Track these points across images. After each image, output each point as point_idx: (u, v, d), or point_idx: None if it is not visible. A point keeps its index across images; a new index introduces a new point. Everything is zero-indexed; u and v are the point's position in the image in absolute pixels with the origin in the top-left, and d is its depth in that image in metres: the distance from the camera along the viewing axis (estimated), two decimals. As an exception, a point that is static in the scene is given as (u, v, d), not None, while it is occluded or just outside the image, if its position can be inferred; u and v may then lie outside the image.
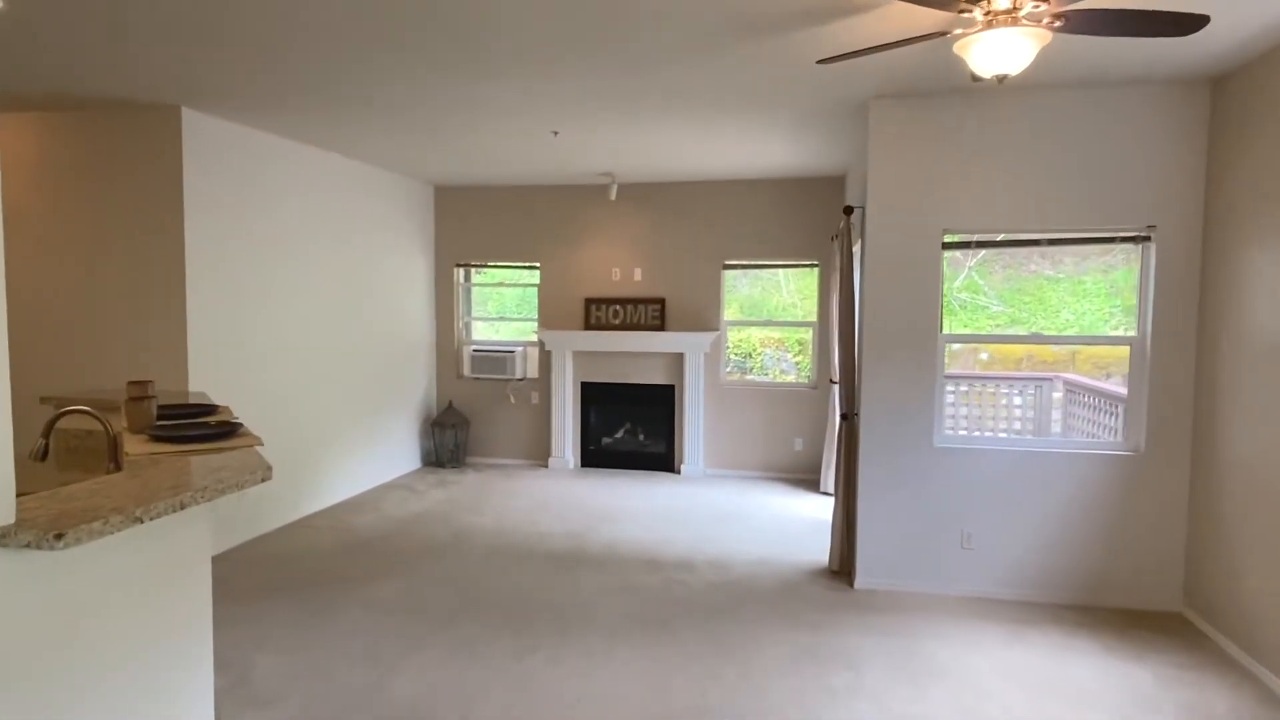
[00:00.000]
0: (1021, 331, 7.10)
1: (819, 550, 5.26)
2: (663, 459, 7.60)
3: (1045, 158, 4.27)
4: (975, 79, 3.12)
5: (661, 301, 7.43)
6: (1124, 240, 4.31)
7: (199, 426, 2.56)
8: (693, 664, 3.63)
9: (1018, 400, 7.63)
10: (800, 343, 7.88)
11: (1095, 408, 6.49)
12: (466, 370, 8.01)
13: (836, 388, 6.57)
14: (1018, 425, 7.48)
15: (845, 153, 6.03)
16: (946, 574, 4.52)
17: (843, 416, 4.81)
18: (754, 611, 4.25)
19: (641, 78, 4.11)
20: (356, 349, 6.64)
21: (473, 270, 8.14)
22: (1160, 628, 4.07)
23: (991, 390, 7.70)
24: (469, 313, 8.20)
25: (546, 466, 7.73)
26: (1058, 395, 7.25)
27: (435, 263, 7.92)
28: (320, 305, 6.14)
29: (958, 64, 3.79)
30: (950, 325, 6.46)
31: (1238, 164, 3.86)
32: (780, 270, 7.61)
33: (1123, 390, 6.36)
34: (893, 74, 3.99)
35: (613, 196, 6.91)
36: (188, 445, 2.36)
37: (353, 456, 6.61)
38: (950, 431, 5.44)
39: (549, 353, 7.68)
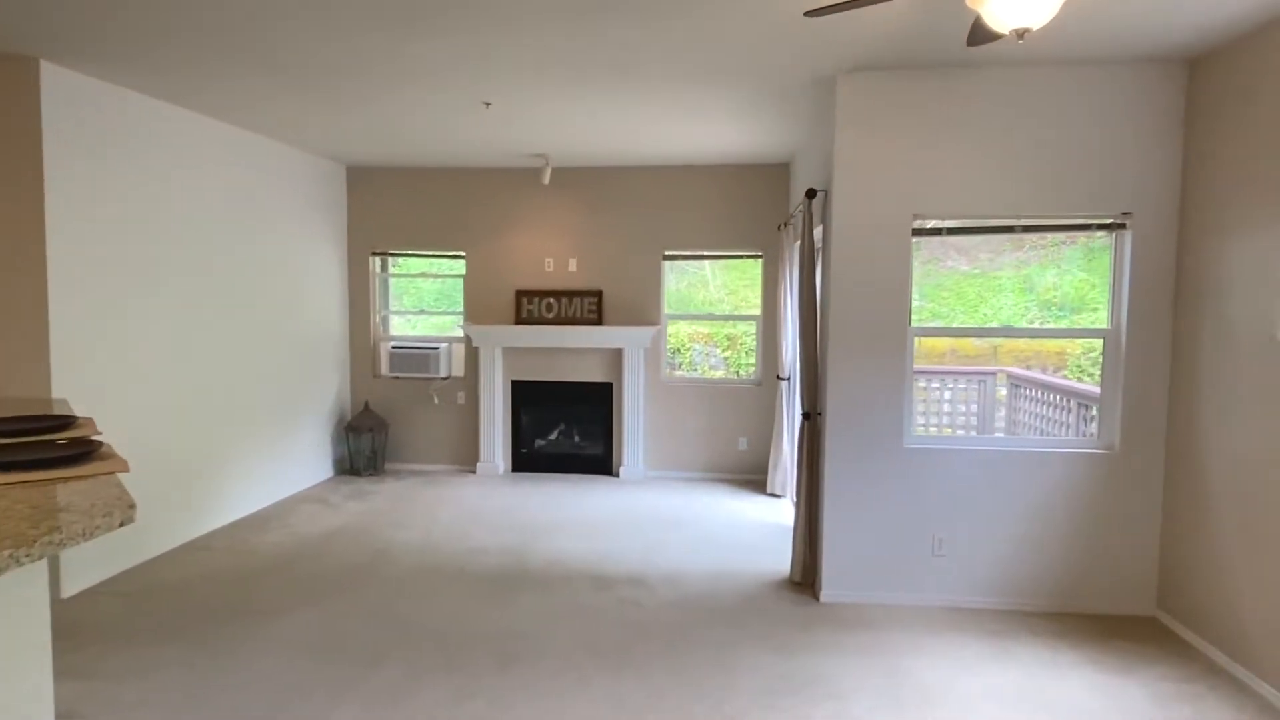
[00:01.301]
0: (993, 325, 6.95)
1: (777, 559, 4.91)
2: (600, 461, 7.14)
3: (1020, 139, 4.02)
4: (973, 42, 2.79)
5: (598, 294, 6.96)
6: (1099, 228, 4.11)
7: (41, 447, 1.95)
8: (660, 702, 3.20)
9: (947, 395, 7.50)
10: (729, 338, 7.57)
11: (1043, 401, 6.39)
12: (384, 369, 7.34)
13: (784, 384, 6.29)
14: (960, 420, 7.35)
15: (794, 137, 5.71)
16: (917, 583, 4.24)
17: (804, 416, 4.46)
18: (719, 633, 3.85)
19: (588, 37, 3.63)
20: (258, 346, 5.92)
21: (390, 259, 7.47)
22: (1139, 635, 3.88)
23: (922, 385, 7.53)
24: (386, 306, 7.52)
25: (474, 472, 7.16)
26: (1002, 391, 7.15)
27: (348, 251, 7.22)
28: (215, 296, 5.40)
29: (938, 31, 3.48)
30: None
31: (1216, 149, 3.69)
32: (708, 263, 7.24)
33: (1071, 384, 6.35)
34: (866, 43, 3.65)
35: (546, 180, 6.39)
36: (24, 474, 1.77)
37: (255, 466, 5.89)
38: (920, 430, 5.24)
39: (476, 349, 7.10)
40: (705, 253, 7.03)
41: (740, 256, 7.02)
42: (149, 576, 4.54)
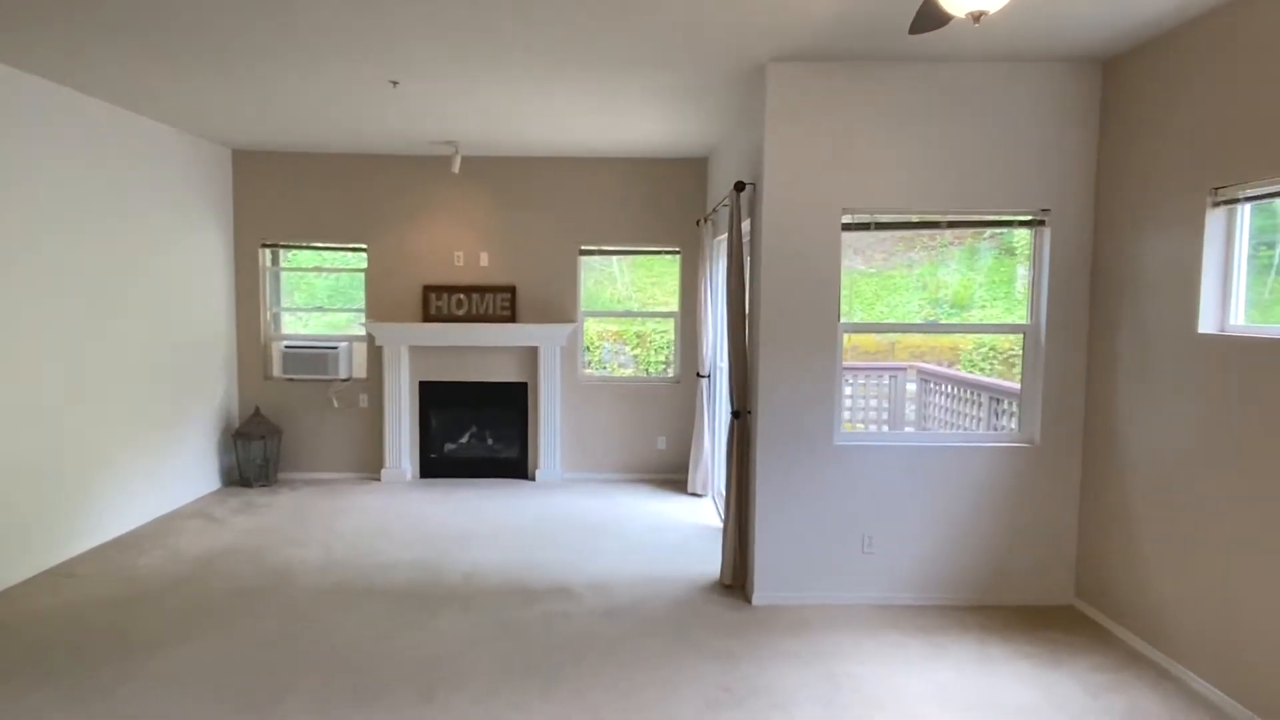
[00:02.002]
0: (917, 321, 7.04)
1: (705, 561, 4.78)
2: (515, 464, 6.85)
3: (945, 135, 4.02)
4: (916, 29, 2.71)
5: (512, 290, 6.66)
6: (1019, 224, 4.16)
7: None
8: (599, 726, 2.99)
9: (848, 390, 7.61)
10: (639, 335, 7.43)
11: (953, 396, 6.54)
12: (277, 370, 6.80)
13: (704, 382, 6.18)
14: (872, 415, 7.46)
15: (713, 131, 5.60)
16: (847, 581, 4.19)
17: (733, 415, 4.35)
18: (654, 644, 3.67)
19: (501, 12, 3.37)
20: (132, 345, 5.33)
21: (283, 252, 6.92)
22: (1061, 624, 3.96)
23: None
24: (278, 302, 6.96)
25: (379, 479, 6.72)
26: (911, 385, 7.30)
27: (235, 242, 6.63)
28: (81, 290, 4.81)
29: (868, 21, 3.41)
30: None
31: (1129, 148, 3.78)
32: (615, 259, 7.05)
33: (984, 379, 6.53)
34: (796, 31, 3.55)
35: (456, 169, 6.04)
36: None
37: (130, 479, 5.31)
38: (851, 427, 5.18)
39: (380, 348, 6.67)
40: (623, 248, 6.84)
41: (658, 252, 6.87)
42: (2, 610, 3.97)
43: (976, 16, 2.30)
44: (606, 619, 3.95)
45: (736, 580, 4.38)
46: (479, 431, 6.97)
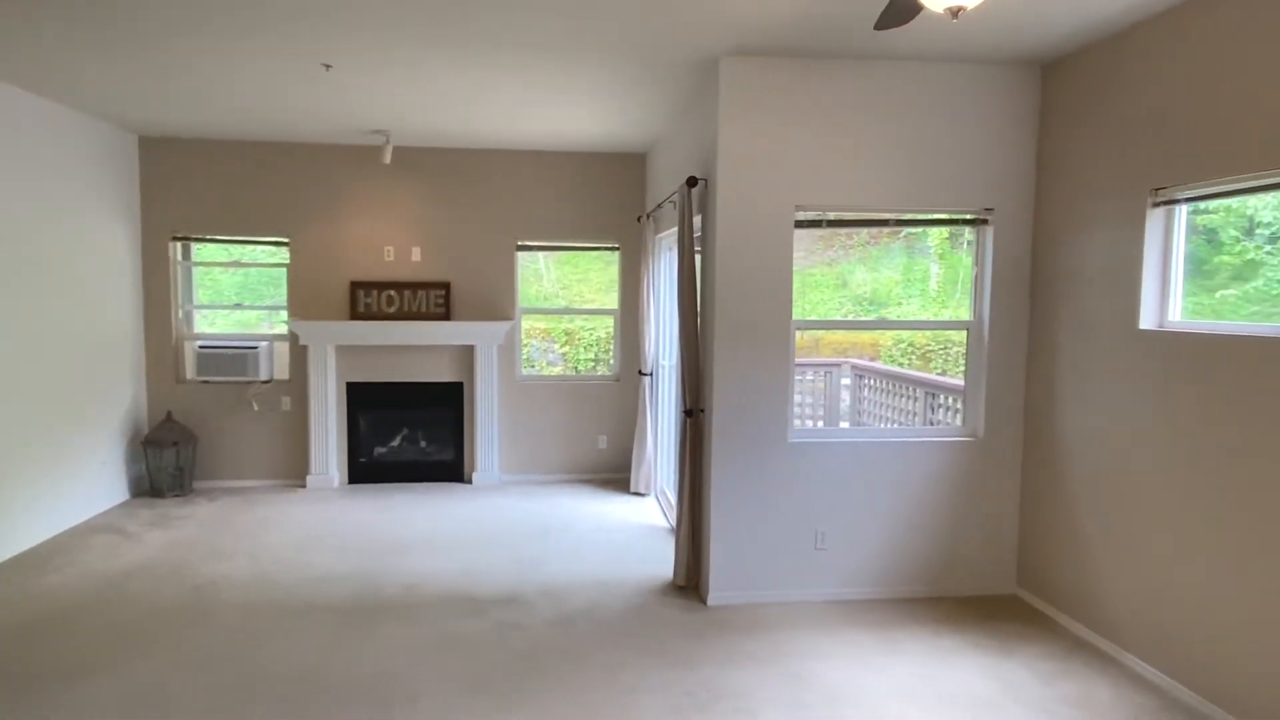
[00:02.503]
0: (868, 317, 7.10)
1: (656, 562, 4.71)
2: (451, 468, 6.62)
3: (897, 134, 4.05)
4: (882, 25, 2.69)
5: (446, 286, 6.42)
6: (964, 223, 4.24)
7: None
8: (566, 741, 2.87)
9: (807, 388, 7.67)
10: (567, 333, 7.31)
11: (888, 391, 6.66)
12: (190, 372, 6.36)
13: (646, 380, 6.10)
14: (808, 411, 7.54)
15: (654, 126, 5.52)
16: (801, 579, 4.19)
17: (686, 413, 4.28)
18: (612, 652, 3.57)
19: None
20: (26, 349, 4.87)
21: (195, 246, 6.48)
22: (1006, 614, 4.05)
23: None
24: (190, 299, 6.52)
25: (304, 487, 6.38)
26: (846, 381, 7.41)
27: (142, 236, 6.17)
28: (-32, 288, 4.36)
29: (825, 18, 3.39)
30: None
31: (1068, 150, 3.89)
32: (541, 255, 6.89)
33: (919, 375, 6.69)
34: (751, 26, 3.50)
35: (386, 159, 5.77)
36: None
37: (28, 492, 4.86)
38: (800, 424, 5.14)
39: (304, 348, 6.33)
40: (562, 244, 6.69)
41: (597, 248, 6.75)
42: (-119, 646, 3.56)
43: (955, 12, 2.28)
44: (561, 628, 3.82)
45: (690, 581, 4.32)
46: (411, 434, 6.71)
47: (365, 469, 6.54)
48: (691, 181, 4.17)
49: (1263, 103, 2.88)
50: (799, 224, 4.08)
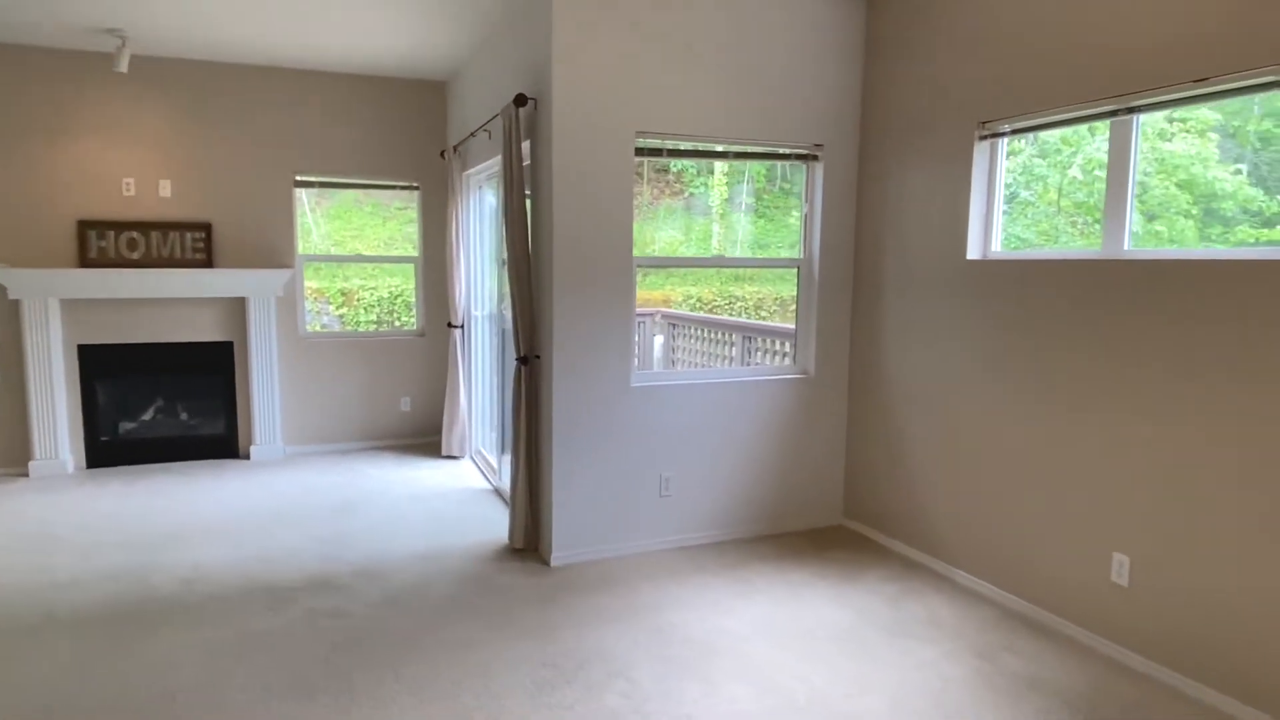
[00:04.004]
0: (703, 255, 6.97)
1: (486, 527, 4.30)
2: (222, 442, 5.67)
3: (733, 62, 3.88)
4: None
5: (207, 228, 5.41)
6: (796, 158, 4.20)
7: None
8: (422, 739, 2.44)
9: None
10: (343, 293, 6.57)
11: (699, 338, 6.66)
12: None
13: (458, 333, 5.59)
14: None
15: (459, 48, 4.96)
16: (647, 528, 4.01)
17: (519, 361, 3.89)
18: (454, 629, 3.15)
19: None
20: None
21: None
22: (840, 543, 4.15)
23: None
24: None
25: (27, 475, 5.15)
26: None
27: None
28: None
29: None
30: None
31: (894, 85, 3.96)
32: (304, 194, 6.04)
33: (735, 320, 6.76)
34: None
35: (122, 68, 4.66)
36: None
37: None
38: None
39: (17, 303, 5.06)
40: (349, 180, 5.89)
41: (393, 186, 6.03)
42: None
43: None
44: (388, 610, 3.32)
45: (529, 543, 3.98)
46: (169, 405, 5.65)
47: (110, 450, 5.41)
48: (520, 100, 3.73)
49: (1081, 34, 3.02)
50: (639, 151, 3.80)
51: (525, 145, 3.91)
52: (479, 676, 2.80)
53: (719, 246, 10.03)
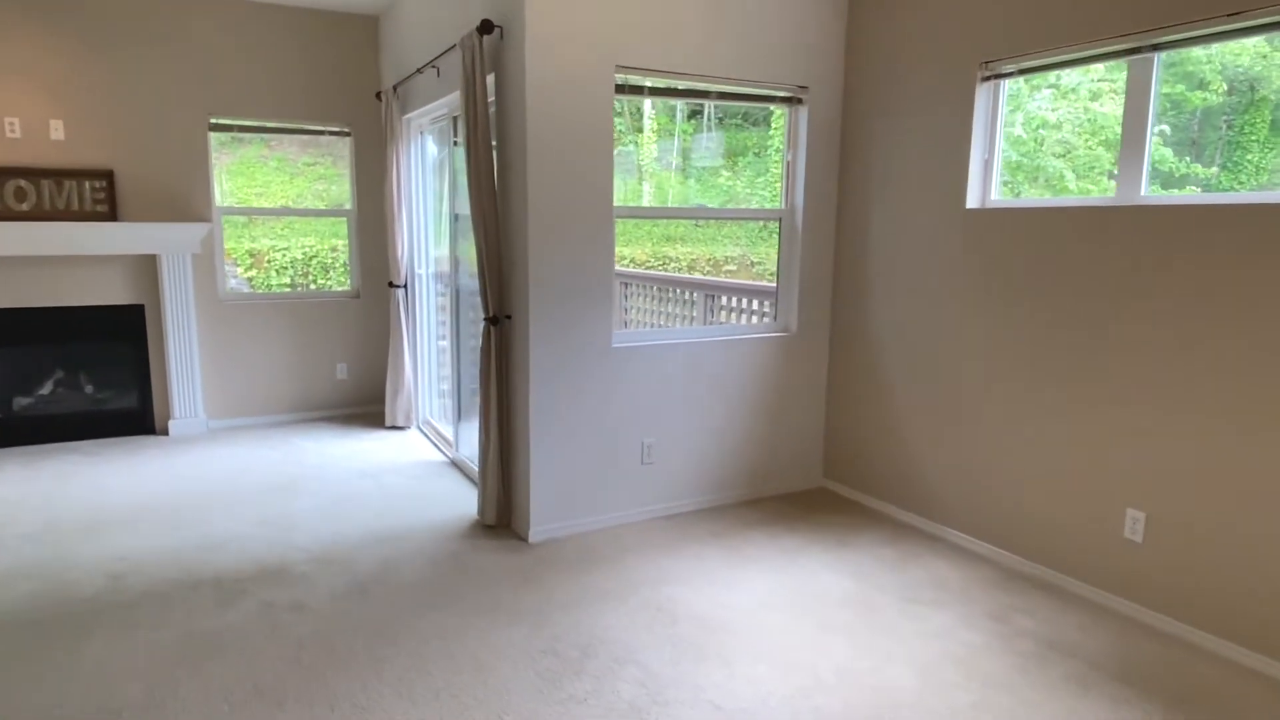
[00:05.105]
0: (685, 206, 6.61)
1: (449, 502, 3.97)
2: (135, 417, 5.09)
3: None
4: None
5: (108, 175, 4.76)
6: (780, 100, 3.94)
7: None
8: (424, 749, 2.15)
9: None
10: (251, 254, 6.00)
11: (659, 298, 6.40)
12: None
13: (400, 293, 5.16)
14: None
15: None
16: (630, 498, 3.76)
17: (489, 321, 3.54)
18: (433, 618, 2.84)
19: None
20: None
21: None
22: (825, 506, 4.01)
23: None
24: None
25: (-100, 460, 4.48)
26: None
27: None
28: None
29: None
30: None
31: (886, 25, 3.74)
32: (218, 139, 5.42)
33: (692, 278, 6.43)
34: None
35: (-2, -16, 3.99)
36: None
37: None
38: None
39: (-124, 262, 4.34)
40: (272, 123, 5.29)
41: (322, 132, 5.46)
42: None
43: None
44: (354, 600, 2.97)
45: (502, 518, 3.67)
46: (70, 377, 5.01)
47: (4, 429, 4.76)
48: (486, 26, 3.33)
49: (1105, -30, 2.85)
50: (619, 89, 3.47)
51: (491, 79, 3.52)
52: (473, 671, 2.51)
53: (674, 200, 9.72)
